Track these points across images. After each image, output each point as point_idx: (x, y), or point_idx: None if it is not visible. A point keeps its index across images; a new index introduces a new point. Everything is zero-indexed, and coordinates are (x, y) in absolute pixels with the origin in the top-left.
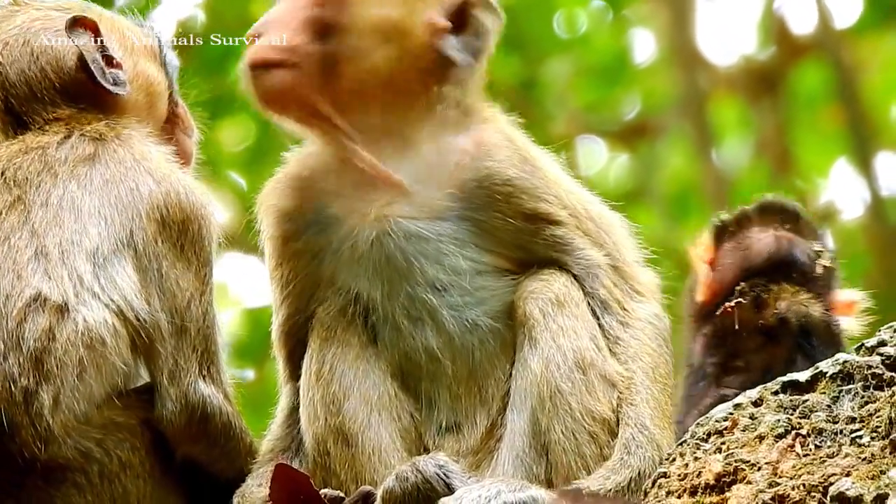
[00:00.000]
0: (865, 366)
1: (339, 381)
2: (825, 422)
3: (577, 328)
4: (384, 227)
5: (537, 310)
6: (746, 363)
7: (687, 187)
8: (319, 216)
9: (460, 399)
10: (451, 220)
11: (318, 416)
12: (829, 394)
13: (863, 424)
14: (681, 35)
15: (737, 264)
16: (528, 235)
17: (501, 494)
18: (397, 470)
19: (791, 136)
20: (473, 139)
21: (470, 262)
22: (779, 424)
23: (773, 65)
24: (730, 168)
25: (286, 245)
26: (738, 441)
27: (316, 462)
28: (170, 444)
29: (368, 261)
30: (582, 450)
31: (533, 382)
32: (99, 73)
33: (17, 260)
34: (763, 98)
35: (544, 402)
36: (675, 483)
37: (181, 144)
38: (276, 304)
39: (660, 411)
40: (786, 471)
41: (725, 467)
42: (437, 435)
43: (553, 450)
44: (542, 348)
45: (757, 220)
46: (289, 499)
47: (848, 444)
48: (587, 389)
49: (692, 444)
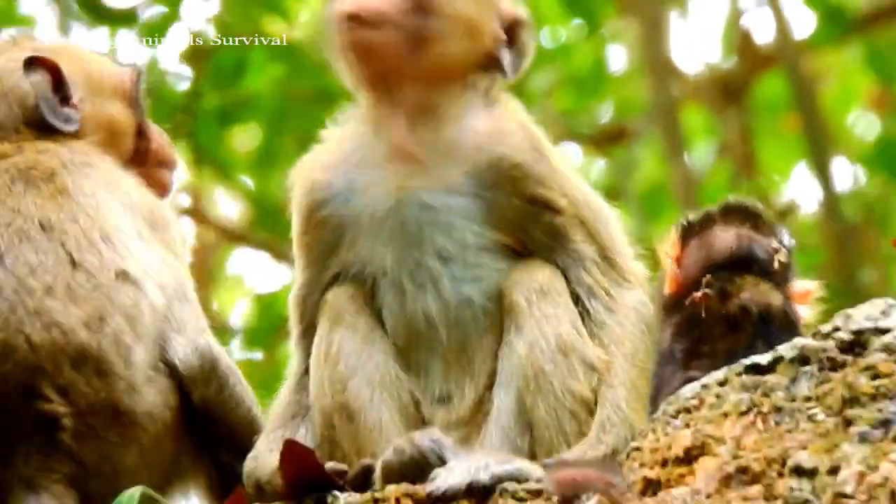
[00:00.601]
0: (821, 350)
1: (345, 361)
2: (784, 400)
3: (560, 315)
4: (402, 197)
5: (523, 298)
6: (712, 348)
7: (658, 188)
8: (346, 187)
9: (451, 370)
10: (463, 196)
11: (325, 392)
12: (788, 375)
13: (818, 403)
14: (653, 47)
15: (701, 260)
16: (529, 218)
17: (490, 466)
18: (395, 443)
19: (754, 141)
20: (492, 124)
21: (475, 236)
22: (742, 403)
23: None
24: (697, 170)
25: (313, 214)
26: (704, 418)
27: (322, 435)
28: (189, 392)
29: (385, 227)
30: (563, 426)
31: (518, 364)
32: (48, 111)
33: (92, 239)
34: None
35: (529, 382)
36: (647, 456)
37: (154, 177)
38: (298, 271)
39: (635, 394)
40: (748, 445)
41: (693, 441)
42: (430, 406)
43: (537, 425)
44: (527, 333)
45: (720, 220)
46: (297, 473)
47: (805, 420)
48: (568, 371)
49: (663, 421)
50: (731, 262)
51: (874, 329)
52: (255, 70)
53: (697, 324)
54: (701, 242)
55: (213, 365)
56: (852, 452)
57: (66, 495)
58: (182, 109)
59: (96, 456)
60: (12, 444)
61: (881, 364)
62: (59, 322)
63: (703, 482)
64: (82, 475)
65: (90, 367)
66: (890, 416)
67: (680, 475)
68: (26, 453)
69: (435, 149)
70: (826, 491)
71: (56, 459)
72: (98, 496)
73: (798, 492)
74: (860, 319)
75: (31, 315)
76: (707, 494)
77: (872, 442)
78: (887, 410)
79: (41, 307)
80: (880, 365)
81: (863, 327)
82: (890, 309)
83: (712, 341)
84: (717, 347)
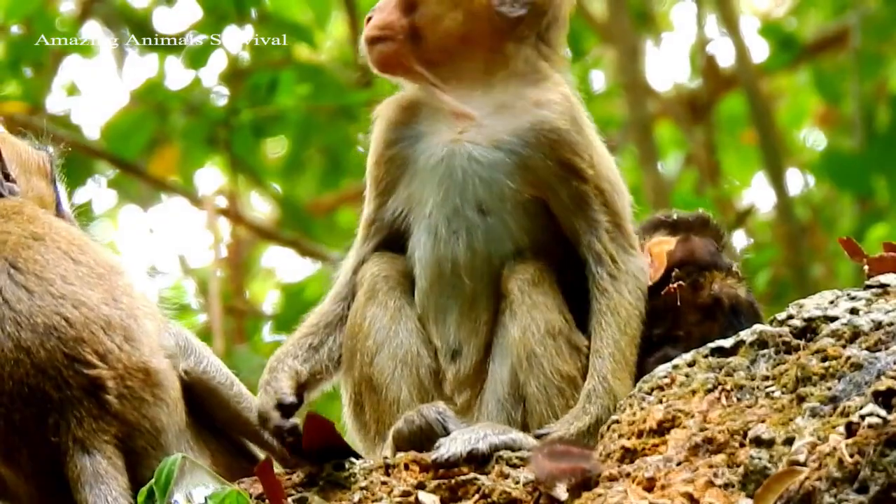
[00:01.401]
0: (777, 335)
1: (374, 337)
2: (745, 379)
3: (548, 303)
4: (454, 148)
5: (517, 287)
6: (686, 334)
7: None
8: (413, 133)
9: (463, 323)
10: (505, 153)
11: (355, 363)
12: (749, 357)
13: (775, 381)
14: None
15: (682, 259)
16: (559, 181)
17: (488, 437)
18: (406, 414)
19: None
20: (539, 93)
21: (511, 192)
22: (708, 381)
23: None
24: (668, 177)
25: (385, 149)
26: (675, 394)
27: (351, 397)
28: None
29: (436, 172)
30: (552, 401)
31: (512, 344)
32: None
33: (80, 244)
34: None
35: (521, 361)
36: (625, 428)
37: None
38: (367, 200)
39: (623, 363)
40: (713, 418)
41: (665, 415)
42: (444, 358)
43: (528, 400)
44: (519, 318)
45: (698, 230)
46: (319, 441)
47: (763, 397)
48: (556, 353)
49: (638, 397)
50: (705, 269)
51: (823, 317)
52: (285, 89)
53: (673, 311)
54: (684, 245)
55: (187, 341)
56: (804, 426)
57: (115, 455)
58: (221, 123)
59: (137, 415)
60: (65, 411)
61: (830, 348)
62: (83, 301)
63: (674, 451)
64: (127, 434)
65: (119, 334)
66: (838, 393)
67: (654, 445)
68: (78, 418)
69: (484, 110)
70: (782, 459)
71: (105, 421)
72: (139, 454)
73: (757, 460)
74: (811, 309)
75: (58, 298)
76: (678, 462)
77: (822, 416)
78: (835, 389)
79: (64, 291)
80: (829, 349)
81: (813, 315)
82: (837, 300)
83: (687, 326)
84: (692, 332)
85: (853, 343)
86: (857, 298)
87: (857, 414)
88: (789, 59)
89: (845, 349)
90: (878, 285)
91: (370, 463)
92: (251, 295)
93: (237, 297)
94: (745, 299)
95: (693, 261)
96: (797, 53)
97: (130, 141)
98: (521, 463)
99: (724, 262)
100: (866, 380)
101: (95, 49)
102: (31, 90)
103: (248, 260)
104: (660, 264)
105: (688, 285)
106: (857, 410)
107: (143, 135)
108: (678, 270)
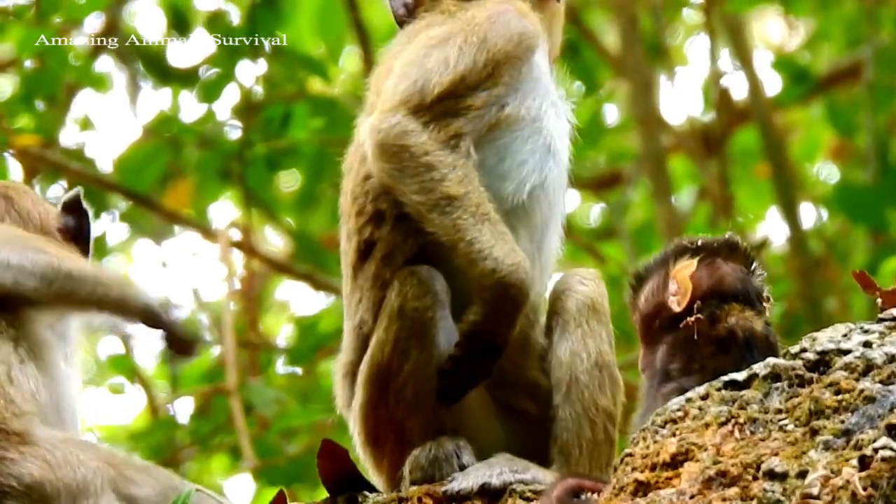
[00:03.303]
0: (790, 368)
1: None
2: (758, 412)
3: (602, 334)
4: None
5: (575, 308)
6: (701, 365)
7: (648, 226)
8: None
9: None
10: None
11: (381, 352)
12: (762, 390)
13: (788, 415)
14: (644, 103)
15: (711, 287)
16: None
17: (503, 474)
18: (425, 444)
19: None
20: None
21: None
22: (721, 414)
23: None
24: (682, 211)
25: (523, 56)
26: (689, 427)
27: (368, 380)
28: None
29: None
30: (581, 431)
31: (557, 366)
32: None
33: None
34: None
35: (561, 384)
36: (638, 461)
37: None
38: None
39: None
40: (727, 451)
41: (679, 448)
42: None
43: (557, 423)
44: (572, 341)
45: (725, 255)
46: (333, 471)
47: (776, 430)
48: (598, 385)
49: (652, 430)
50: (734, 297)
51: (837, 350)
52: (299, 123)
53: (690, 343)
54: (711, 269)
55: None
56: (818, 458)
57: None
58: (234, 157)
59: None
60: None
61: (843, 381)
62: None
63: (687, 484)
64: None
65: None
66: (851, 426)
67: (667, 478)
68: None
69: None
70: (795, 493)
71: None
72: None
73: (770, 493)
74: (824, 342)
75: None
76: (691, 495)
77: (835, 450)
78: (849, 422)
79: None
80: (842, 382)
81: (827, 348)
82: (850, 333)
83: (702, 359)
84: (706, 365)
85: (866, 376)
86: (871, 331)
87: (871, 447)
88: (803, 92)
89: (858, 382)
90: (892, 318)
91: (383, 496)
92: (265, 328)
93: (251, 330)
94: (760, 332)
95: (722, 290)
96: (811, 87)
97: (144, 174)
98: (535, 496)
99: (753, 288)
100: (879, 413)
101: (109, 82)
102: (45, 124)
103: (262, 293)
104: (685, 290)
105: (706, 317)
106: (871, 443)
107: (156, 168)
108: (699, 303)
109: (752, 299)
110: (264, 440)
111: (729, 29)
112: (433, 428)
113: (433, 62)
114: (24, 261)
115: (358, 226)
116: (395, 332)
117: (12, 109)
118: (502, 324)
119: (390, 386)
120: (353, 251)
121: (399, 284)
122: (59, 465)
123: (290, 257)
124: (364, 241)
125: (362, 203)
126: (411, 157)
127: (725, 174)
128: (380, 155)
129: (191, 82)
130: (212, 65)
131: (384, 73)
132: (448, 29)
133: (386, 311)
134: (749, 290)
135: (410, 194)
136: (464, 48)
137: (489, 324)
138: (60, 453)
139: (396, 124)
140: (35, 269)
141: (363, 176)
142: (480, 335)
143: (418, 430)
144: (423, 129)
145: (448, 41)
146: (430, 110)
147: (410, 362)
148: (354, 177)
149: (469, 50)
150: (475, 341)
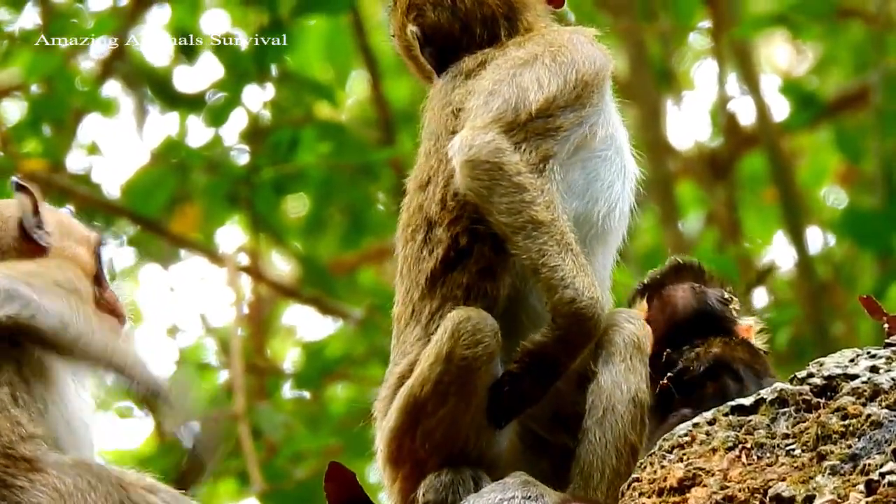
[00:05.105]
0: (797, 393)
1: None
2: (765, 437)
3: (643, 373)
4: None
5: (622, 342)
6: (698, 397)
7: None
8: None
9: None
10: None
11: (432, 367)
12: (769, 415)
13: (795, 440)
14: (651, 129)
15: (666, 318)
16: None
17: (515, 499)
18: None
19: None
20: None
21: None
22: (729, 439)
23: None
24: (689, 236)
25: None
26: (696, 452)
27: (413, 393)
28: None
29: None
30: (606, 458)
31: (596, 392)
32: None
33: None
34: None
35: (598, 409)
36: (645, 486)
37: (107, 321)
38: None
39: None
40: (734, 476)
41: (686, 473)
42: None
43: (584, 445)
44: (614, 372)
45: (672, 279)
46: (341, 495)
47: (783, 455)
48: (632, 420)
49: (659, 455)
50: (695, 317)
51: (843, 375)
52: (306, 147)
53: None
54: (662, 303)
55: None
56: (825, 483)
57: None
58: (242, 181)
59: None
60: None
61: (850, 406)
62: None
63: None
64: None
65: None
66: (857, 451)
67: (675, 503)
68: None
69: None
70: None
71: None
72: None
73: None
74: (831, 367)
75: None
76: None
77: (842, 474)
78: (855, 447)
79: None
80: (849, 407)
81: (833, 374)
82: (857, 358)
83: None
84: (702, 395)
85: (873, 401)
86: (878, 356)
87: (878, 472)
88: (810, 117)
89: (865, 407)
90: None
91: None
92: (272, 353)
93: (258, 354)
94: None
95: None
96: (818, 112)
97: (151, 199)
98: None
99: (709, 298)
100: (886, 438)
101: (116, 107)
102: (52, 148)
103: (270, 318)
104: (647, 335)
105: (675, 374)
106: (878, 468)
107: (163, 192)
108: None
109: (710, 310)
110: (272, 464)
111: (737, 54)
112: (455, 465)
113: (526, 80)
114: (51, 305)
115: (451, 234)
116: (438, 374)
117: (20, 134)
118: (568, 352)
119: (421, 423)
120: (436, 260)
121: (452, 326)
122: (71, 494)
123: (297, 282)
124: (453, 250)
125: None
126: (503, 177)
127: (733, 199)
128: (470, 171)
129: (198, 107)
130: (219, 89)
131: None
132: (531, 51)
133: (434, 348)
134: (707, 301)
135: (497, 214)
136: (553, 68)
137: (556, 349)
138: (70, 480)
139: (491, 141)
140: (61, 316)
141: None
142: (545, 357)
143: (439, 466)
144: (515, 149)
145: (535, 62)
146: (523, 129)
147: (447, 407)
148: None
149: (559, 70)
150: (537, 361)
